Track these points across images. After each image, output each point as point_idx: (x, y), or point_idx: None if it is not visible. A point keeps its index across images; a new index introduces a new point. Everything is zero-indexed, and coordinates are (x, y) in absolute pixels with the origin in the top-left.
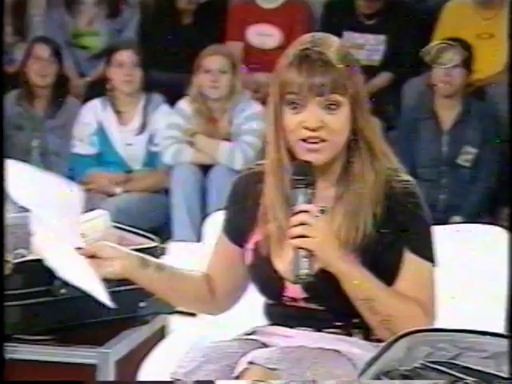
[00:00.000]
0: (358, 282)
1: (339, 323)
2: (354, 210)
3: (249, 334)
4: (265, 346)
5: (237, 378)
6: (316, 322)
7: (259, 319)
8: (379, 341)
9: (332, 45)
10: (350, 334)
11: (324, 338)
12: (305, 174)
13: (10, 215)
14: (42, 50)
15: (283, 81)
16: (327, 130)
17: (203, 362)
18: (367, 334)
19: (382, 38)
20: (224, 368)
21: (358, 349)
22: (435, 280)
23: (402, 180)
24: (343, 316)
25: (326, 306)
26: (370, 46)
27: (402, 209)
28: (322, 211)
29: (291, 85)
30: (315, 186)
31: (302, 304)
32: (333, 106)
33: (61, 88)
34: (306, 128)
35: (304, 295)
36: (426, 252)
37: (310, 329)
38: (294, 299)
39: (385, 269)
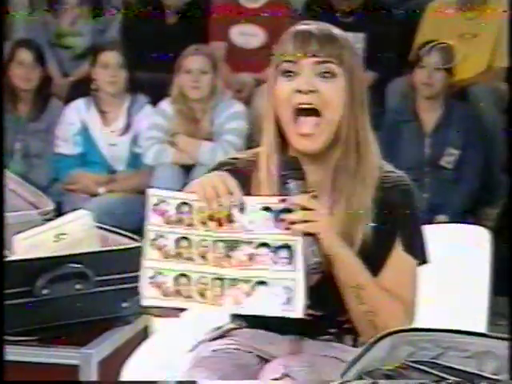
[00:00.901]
0: (352, 267)
1: (333, 330)
2: (353, 204)
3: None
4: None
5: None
6: (310, 329)
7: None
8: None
9: (329, 25)
10: (341, 341)
11: (319, 346)
12: (293, 168)
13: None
14: (26, 55)
15: (279, 52)
16: (320, 96)
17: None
18: (355, 339)
19: (360, 35)
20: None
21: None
22: (418, 279)
23: (396, 176)
24: (336, 322)
25: (321, 311)
26: None
27: (397, 205)
28: (315, 196)
29: (286, 52)
30: (305, 179)
31: None
32: (327, 74)
33: (44, 91)
34: (299, 91)
35: None
36: (416, 251)
37: (303, 336)
38: None
39: (372, 260)
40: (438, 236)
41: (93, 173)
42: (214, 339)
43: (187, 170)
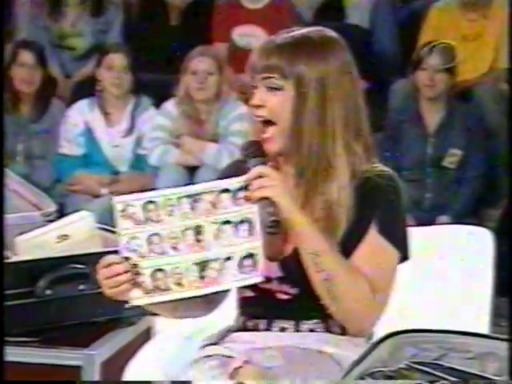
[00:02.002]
0: (309, 233)
1: (315, 313)
2: (331, 199)
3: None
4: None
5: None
6: (292, 312)
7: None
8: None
9: (296, 32)
10: (328, 329)
11: (303, 338)
12: (253, 149)
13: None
14: (27, 57)
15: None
16: (267, 109)
17: None
18: (343, 327)
19: None
20: None
21: (340, 349)
22: (395, 269)
23: (384, 168)
24: (319, 306)
25: (300, 287)
26: None
27: (377, 192)
28: (275, 168)
29: (252, 66)
30: (265, 156)
31: (276, 286)
32: (273, 89)
33: (46, 92)
34: (253, 106)
35: (279, 274)
36: (394, 238)
37: (287, 321)
38: (268, 279)
39: (346, 240)
40: (440, 237)
41: (96, 174)
42: (212, 344)
43: (192, 171)
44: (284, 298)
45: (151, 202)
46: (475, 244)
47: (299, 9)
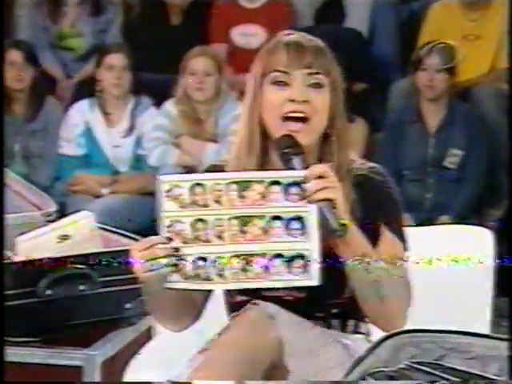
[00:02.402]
0: (358, 236)
1: (320, 314)
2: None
3: None
4: None
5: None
6: (298, 314)
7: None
8: (356, 332)
9: (312, 38)
10: (329, 326)
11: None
12: (293, 145)
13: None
14: (15, 55)
15: (270, 60)
16: (311, 106)
17: None
18: (343, 324)
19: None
20: None
21: (347, 339)
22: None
23: (371, 164)
24: (324, 306)
25: (306, 292)
26: None
27: (378, 190)
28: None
29: (279, 62)
30: (305, 152)
31: (283, 292)
32: (316, 85)
33: (38, 90)
34: (293, 101)
35: None
36: (402, 234)
37: None
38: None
39: None
40: (441, 236)
41: (96, 174)
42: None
43: (191, 171)
44: (289, 300)
45: (199, 184)
46: (476, 244)
47: (298, 7)
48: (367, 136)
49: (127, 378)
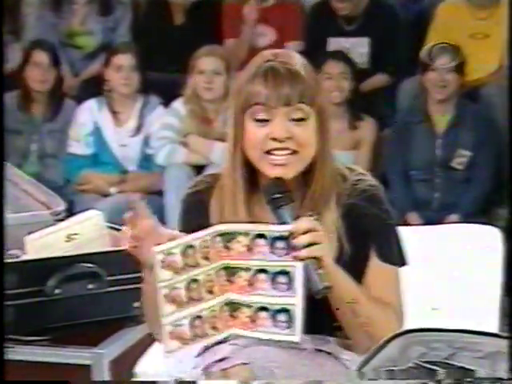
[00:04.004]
0: (346, 283)
1: (322, 328)
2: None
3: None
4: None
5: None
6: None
7: None
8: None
9: (295, 57)
10: (332, 336)
11: (310, 339)
12: (282, 191)
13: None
14: (41, 57)
15: (248, 93)
16: (295, 141)
17: None
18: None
19: (365, 40)
20: None
21: (346, 349)
22: (399, 284)
23: (366, 185)
24: (325, 321)
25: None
26: (356, 50)
27: (366, 217)
28: (316, 219)
29: (257, 96)
30: (294, 201)
31: None
32: (300, 118)
33: (59, 91)
34: (274, 139)
35: None
36: (393, 257)
37: None
38: None
39: (352, 275)
40: (450, 236)
41: (104, 173)
42: (215, 345)
43: (199, 170)
44: None
45: (190, 246)
46: (484, 243)
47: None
48: (376, 135)
49: (136, 376)
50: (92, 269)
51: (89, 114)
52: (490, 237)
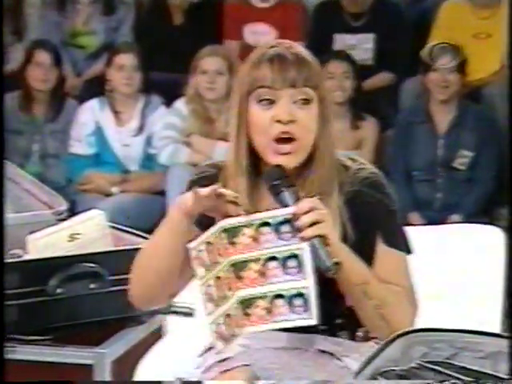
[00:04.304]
0: (356, 264)
1: (324, 326)
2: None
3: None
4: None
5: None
6: (301, 327)
7: None
8: (365, 339)
9: (298, 45)
10: (334, 336)
11: (312, 339)
12: (282, 177)
13: (8, 215)
14: (43, 57)
15: (253, 77)
16: (298, 125)
17: None
18: (352, 334)
19: (370, 36)
20: None
21: (348, 351)
22: (410, 268)
23: (368, 173)
24: (327, 318)
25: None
26: (362, 46)
27: (371, 203)
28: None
29: (262, 79)
30: (295, 185)
31: None
32: (304, 101)
33: (61, 91)
34: (279, 122)
35: None
36: (399, 243)
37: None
38: None
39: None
40: (452, 236)
41: (106, 173)
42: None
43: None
44: None
45: (209, 243)
46: (487, 243)
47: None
48: (378, 134)
49: (138, 376)
50: (94, 268)
51: (90, 114)
52: (492, 237)
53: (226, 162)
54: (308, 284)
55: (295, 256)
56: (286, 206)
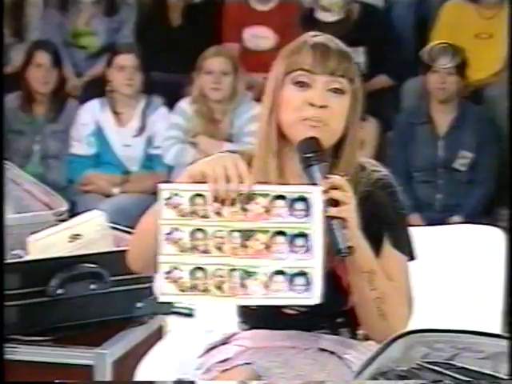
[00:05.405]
0: (367, 251)
1: (325, 324)
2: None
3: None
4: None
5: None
6: (302, 326)
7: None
8: (365, 338)
9: (337, 41)
10: (336, 334)
11: (314, 338)
12: (315, 150)
13: (8, 216)
14: (43, 58)
15: (294, 60)
16: (330, 111)
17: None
18: (353, 332)
19: (360, 49)
20: None
21: (349, 349)
22: (411, 273)
23: (381, 175)
24: (328, 317)
25: (311, 306)
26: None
27: (382, 206)
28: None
29: (303, 63)
30: (326, 161)
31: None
32: (338, 91)
33: (61, 92)
34: (312, 105)
35: None
36: (405, 248)
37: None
38: None
39: None
40: (452, 237)
41: (107, 173)
42: (218, 345)
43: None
44: (291, 313)
45: (199, 195)
46: (487, 244)
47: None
48: (378, 135)
49: (138, 377)
50: (94, 269)
51: (91, 115)
52: (492, 237)
53: (256, 142)
54: (314, 264)
55: (304, 235)
56: (313, 179)
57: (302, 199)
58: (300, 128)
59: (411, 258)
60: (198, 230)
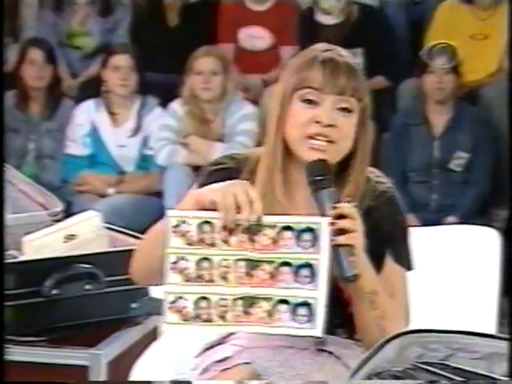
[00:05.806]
0: (371, 273)
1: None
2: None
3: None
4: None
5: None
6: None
7: None
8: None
9: (349, 55)
10: (333, 334)
11: (310, 338)
12: (324, 173)
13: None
14: (36, 54)
15: (303, 76)
16: (337, 130)
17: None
18: (350, 333)
19: (358, 50)
20: None
21: (346, 349)
22: (409, 285)
23: (385, 187)
24: (326, 318)
25: None
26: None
27: (386, 220)
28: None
29: (312, 80)
30: (335, 183)
31: None
32: (346, 110)
33: (56, 90)
34: (318, 123)
35: None
36: (404, 261)
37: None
38: None
39: None
40: (448, 237)
41: (102, 174)
42: (215, 345)
43: (199, 171)
44: None
45: (207, 222)
46: (482, 244)
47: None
48: (374, 137)
49: (133, 377)
50: (89, 269)
51: (86, 115)
52: (487, 238)
53: (261, 153)
54: (318, 295)
55: (309, 265)
56: (321, 204)
57: (309, 230)
58: (305, 145)
59: (409, 268)
60: (205, 259)
